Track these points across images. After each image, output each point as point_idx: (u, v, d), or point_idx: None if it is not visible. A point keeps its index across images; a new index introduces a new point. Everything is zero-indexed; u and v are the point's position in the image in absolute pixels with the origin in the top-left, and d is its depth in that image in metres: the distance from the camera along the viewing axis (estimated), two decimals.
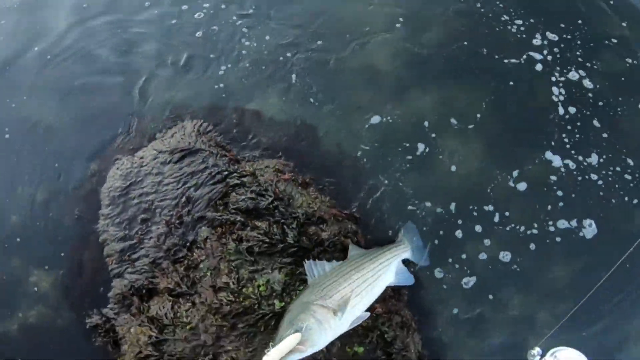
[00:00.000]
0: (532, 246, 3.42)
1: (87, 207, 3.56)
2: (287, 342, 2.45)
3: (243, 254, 3.19)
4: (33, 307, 3.47)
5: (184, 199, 3.38)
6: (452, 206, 3.53)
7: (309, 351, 2.54)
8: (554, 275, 3.39)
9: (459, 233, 3.48)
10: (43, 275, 3.48)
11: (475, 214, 3.51)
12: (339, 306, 2.77)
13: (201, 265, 3.24)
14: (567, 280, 3.38)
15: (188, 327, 3.10)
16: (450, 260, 3.43)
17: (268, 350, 2.46)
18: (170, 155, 3.52)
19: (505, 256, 3.44)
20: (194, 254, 3.28)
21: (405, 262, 3.32)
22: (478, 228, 3.49)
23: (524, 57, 4.02)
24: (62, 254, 3.49)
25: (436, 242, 3.45)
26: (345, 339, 3.02)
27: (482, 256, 3.43)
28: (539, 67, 3.98)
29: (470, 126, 3.74)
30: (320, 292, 2.82)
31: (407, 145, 3.69)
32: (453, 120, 3.77)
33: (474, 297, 3.37)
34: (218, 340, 3.07)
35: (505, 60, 4.00)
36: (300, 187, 3.48)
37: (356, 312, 2.88)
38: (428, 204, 3.53)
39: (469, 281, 3.39)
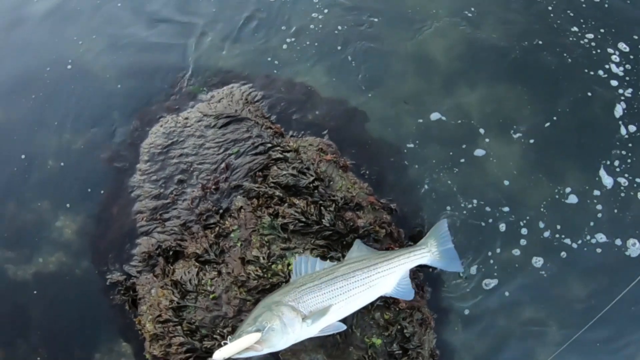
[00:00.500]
0: (564, 254, 3.24)
1: (125, 161, 3.48)
2: (245, 340, 2.39)
3: (277, 229, 3.06)
4: (54, 254, 3.40)
5: (223, 165, 3.26)
6: (491, 208, 3.35)
7: (265, 351, 2.48)
8: (582, 289, 3.22)
9: (494, 235, 3.30)
10: (70, 222, 3.41)
11: (513, 217, 3.32)
12: (311, 313, 2.61)
13: (232, 235, 3.13)
14: (591, 294, 3.22)
15: (211, 296, 2.99)
16: (481, 261, 3.26)
17: (225, 343, 2.42)
18: (215, 119, 3.41)
19: (537, 261, 3.27)
20: (226, 222, 3.16)
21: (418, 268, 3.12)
22: (515, 232, 3.31)
23: (588, 67, 3.77)
24: (93, 204, 3.42)
25: (470, 242, 3.29)
26: (365, 329, 2.91)
27: (514, 259, 3.26)
28: (603, 79, 3.74)
29: (521, 130, 3.53)
30: (297, 293, 2.64)
31: (453, 142, 3.52)
32: (503, 122, 3.57)
33: (491, 301, 3.20)
34: (239, 313, 2.94)
35: (567, 69, 3.76)
36: (341, 169, 3.33)
37: (330, 320, 2.68)
38: (467, 204, 3.36)
39: (490, 283, 3.23)
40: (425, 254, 2.98)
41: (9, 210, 3.50)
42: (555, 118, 3.54)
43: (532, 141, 3.48)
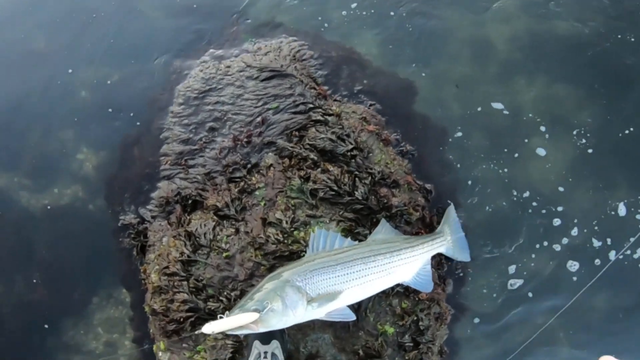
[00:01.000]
0: (598, 262, 2.93)
1: (158, 101, 3.26)
2: (242, 318, 2.19)
3: (306, 194, 2.80)
4: (70, 186, 3.22)
5: (259, 119, 3.01)
6: (533, 207, 3.02)
7: (260, 330, 2.27)
8: (610, 301, 2.93)
9: (532, 234, 2.99)
10: (91, 156, 3.22)
11: (555, 218, 2.99)
12: (319, 297, 2.35)
13: (257, 193, 2.88)
14: (618, 308, 2.94)
15: (224, 254, 2.75)
16: (511, 259, 2.97)
17: (221, 317, 2.22)
18: (258, 72, 3.15)
19: (572, 266, 2.94)
20: (253, 178, 2.92)
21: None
22: (554, 233, 2.99)
23: None
24: (118, 141, 3.22)
25: (504, 237, 3.00)
26: (379, 315, 2.67)
27: (547, 261, 2.96)
28: None
29: (579, 132, 3.12)
30: (308, 273, 2.37)
31: (502, 135, 3.17)
32: (559, 122, 3.19)
33: (512, 302, 2.93)
34: (250, 277, 2.69)
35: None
36: (382, 143, 3.05)
37: (339, 305, 2.42)
38: (507, 198, 3.03)
39: (516, 282, 2.94)
40: (443, 242, 2.75)
41: (34, 136, 3.34)
42: (619, 124, 3.14)
43: (589, 145, 3.09)
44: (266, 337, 2.54)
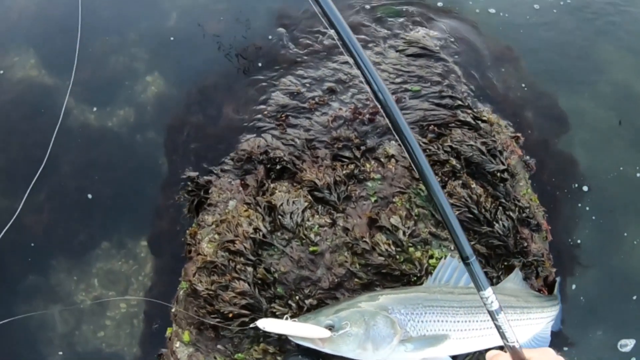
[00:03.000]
0: None
1: (276, 40, 2.56)
2: (310, 329, 1.71)
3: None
4: (124, 107, 2.50)
5: (393, 97, 2.33)
6: None
7: (326, 351, 1.75)
8: None
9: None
10: (161, 81, 2.51)
11: None
12: (419, 338, 1.73)
13: (369, 184, 2.14)
14: None
15: (312, 248, 1.98)
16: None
17: (286, 318, 1.75)
18: (406, 44, 2.47)
19: None
20: (367, 165, 2.21)
21: None
22: None
23: None
24: (204, 72, 2.50)
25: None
26: None
27: None
28: None
29: None
30: (418, 308, 1.76)
31: None
32: None
33: None
34: (336, 288, 1.92)
35: None
36: (527, 173, 2.38)
37: (438, 354, 1.79)
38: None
39: (627, 344, 2.25)
40: (556, 309, 2.14)
41: (105, 47, 2.63)
42: None
43: None
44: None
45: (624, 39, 2.89)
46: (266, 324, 1.67)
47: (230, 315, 1.88)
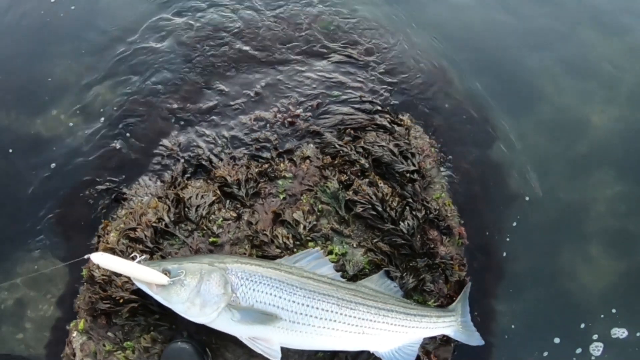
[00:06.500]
0: None
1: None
2: (147, 272, 1.62)
3: (340, 203, 1.98)
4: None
5: (314, 103, 2.30)
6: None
7: (157, 298, 1.66)
8: None
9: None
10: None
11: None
12: (246, 308, 1.62)
13: (280, 182, 2.08)
14: None
15: (211, 239, 1.91)
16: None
17: (134, 257, 1.67)
18: (331, 52, 2.48)
19: None
20: (281, 164, 2.17)
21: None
22: None
23: None
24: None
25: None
26: None
27: None
28: None
29: None
30: (254, 276, 1.65)
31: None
32: None
33: None
34: None
35: None
36: (442, 177, 2.28)
37: (272, 336, 1.66)
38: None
39: None
40: (452, 323, 1.92)
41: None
42: None
43: None
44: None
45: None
46: (101, 260, 1.57)
47: (121, 300, 1.80)
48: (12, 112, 2.38)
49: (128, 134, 2.30)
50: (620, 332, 2.17)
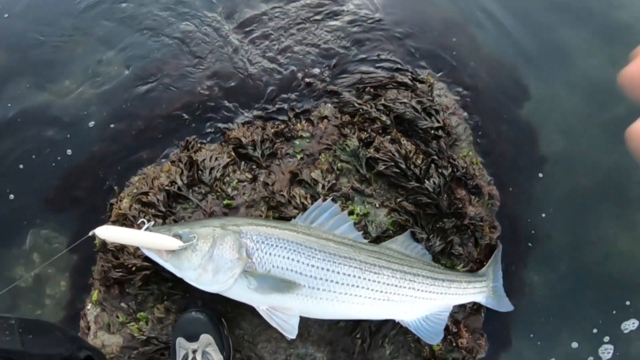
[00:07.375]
0: None
1: None
2: (162, 239, 1.49)
3: (361, 161, 1.85)
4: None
5: (333, 61, 2.18)
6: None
7: (168, 267, 1.53)
8: None
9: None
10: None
11: None
12: (264, 275, 1.48)
13: (296, 142, 1.95)
14: None
15: (225, 202, 1.81)
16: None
17: (142, 223, 1.54)
18: (350, 14, 2.36)
19: None
20: (298, 125, 2.05)
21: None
22: None
23: None
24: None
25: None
26: (400, 350, 1.72)
27: None
28: None
29: None
30: (271, 239, 1.52)
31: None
32: None
33: None
34: None
35: None
36: (473, 137, 2.11)
37: (291, 305, 1.52)
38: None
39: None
40: (482, 289, 1.77)
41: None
42: None
43: None
44: (192, 333, 1.60)
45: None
46: (107, 233, 1.44)
47: (133, 268, 1.71)
48: (23, 81, 2.33)
49: (140, 102, 2.23)
50: None
